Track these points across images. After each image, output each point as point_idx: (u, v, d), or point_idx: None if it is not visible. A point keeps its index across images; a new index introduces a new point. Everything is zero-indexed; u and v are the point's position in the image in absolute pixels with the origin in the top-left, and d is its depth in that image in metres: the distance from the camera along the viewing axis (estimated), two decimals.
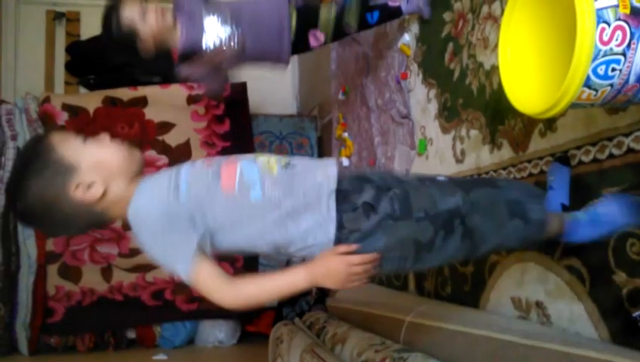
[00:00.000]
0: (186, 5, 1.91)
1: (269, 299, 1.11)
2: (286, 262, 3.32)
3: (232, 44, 1.89)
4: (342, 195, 1.10)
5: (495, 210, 1.16)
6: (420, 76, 2.20)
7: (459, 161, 1.88)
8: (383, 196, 1.10)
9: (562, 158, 1.35)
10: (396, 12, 2.11)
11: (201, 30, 1.86)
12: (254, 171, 1.09)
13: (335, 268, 1.07)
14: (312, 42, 2.04)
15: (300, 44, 2.03)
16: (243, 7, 1.96)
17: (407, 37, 2.33)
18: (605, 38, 0.88)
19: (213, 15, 1.88)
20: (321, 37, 2.03)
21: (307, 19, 2.00)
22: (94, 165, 1.08)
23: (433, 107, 2.07)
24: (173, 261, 1.06)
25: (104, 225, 1.16)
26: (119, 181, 1.10)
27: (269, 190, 1.08)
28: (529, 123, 1.48)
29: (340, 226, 1.08)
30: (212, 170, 1.10)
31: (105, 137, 1.13)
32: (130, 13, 1.83)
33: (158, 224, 1.05)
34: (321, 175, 1.11)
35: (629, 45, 0.89)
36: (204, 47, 1.86)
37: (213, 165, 1.11)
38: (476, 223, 1.12)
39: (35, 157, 1.08)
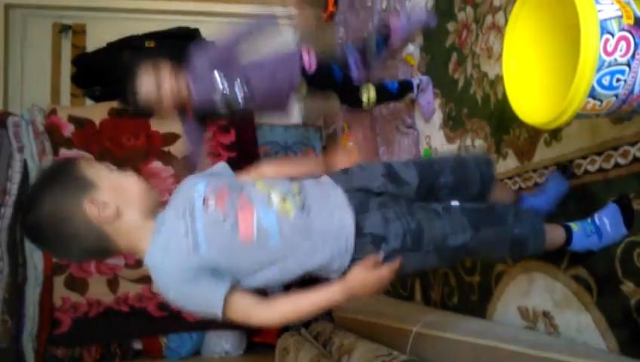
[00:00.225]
0: (198, 66, 1.95)
1: (307, 316, 1.13)
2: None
3: (239, 103, 1.96)
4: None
5: (498, 246, 1.22)
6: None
7: None
8: (393, 225, 1.14)
9: (565, 170, 1.37)
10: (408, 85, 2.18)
11: (211, 89, 1.92)
12: (272, 218, 1.10)
13: (370, 280, 1.12)
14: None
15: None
16: (254, 72, 1.99)
17: (411, 47, 2.33)
18: (609, 49, 0.89)
19: (223, 76, 1.95)
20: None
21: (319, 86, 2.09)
22: (113, 188, 1.10)
23: (438, 117, 2.08)
24: (205, 308, 1.08)
25: (108, 254, 1.15)
26: (134, 211, 1.11)
27: (288, 236, 1.10)
28: (534, 132, 1.48)
29: (352, 258, 1.14)
30: (229, 221, 1.09)
31: (131, 172, 1.15)
32: (146, 88, 1.87)
33: (181, 278, 1.06)
34: (338, 220, 1.14)
35: (633, 55, 0.90)
36: (217, 104, 1.94)
37: (229, 212, 1.09)
38: (478, 254, 1.24)
39: (56, 173, 1.10)
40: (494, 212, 1.21)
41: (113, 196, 1.08)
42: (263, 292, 1.14)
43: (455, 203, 1.23)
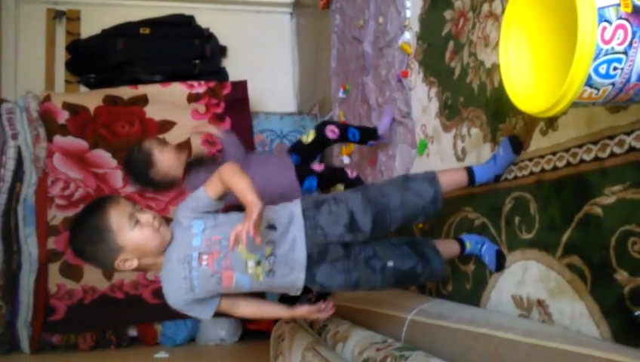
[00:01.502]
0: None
1: (263, 319, 1.55)
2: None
3: None
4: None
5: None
6: (421, 74, 2.19)
7: (460, 159, 1.88)
8: (338, 277, 1.58)
9: (515, 143, 1.54)
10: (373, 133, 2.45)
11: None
12: (245, 280, 1.51)
13: (311, 316, 1.73)
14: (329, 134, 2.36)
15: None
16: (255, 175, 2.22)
17: (407, 35, 2.32)
18: (607, 37, 0.88)
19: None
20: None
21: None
22: (136, 248, 1.45)
23: (434, 105, 2.07)
24: (198, 316, 1.58)
25: None
26: (150, 257, 1.48)
27: (256, 288, 1.56)
28: (530, 121, 1.48)
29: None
30: (216, 276, 1.49)
31: (147, 220, 1.45)
32: (166, 168, 2.21)
33: (180, 303, 1.51)
34: (294, 279, 1.56)
35: (630, 44, 0.89)
36: None
37: (216, 269, 1.48)
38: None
39: (95, 229, 1.43)
40: (415, 272, 1.64)
41: (135, 254, 1.45)
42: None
43: (390, 263, 1.60)
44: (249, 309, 1.66)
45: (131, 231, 1.43)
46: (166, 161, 2.18)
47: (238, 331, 3.56)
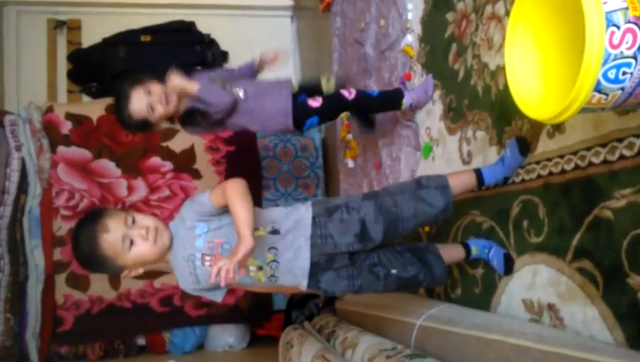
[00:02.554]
0: (196, 76, 2.11)
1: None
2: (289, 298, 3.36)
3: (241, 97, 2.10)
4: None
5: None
6: (424, 77, 2.18)
7: (466, 162, 1.86)
8: (341, 284, 1.61)
9: (522, 144, 1.52)
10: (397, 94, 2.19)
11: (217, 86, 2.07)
12: (247, 281, 1.56)
13: None
14: (311, 102, 2.14)
15: (300, 107, 2.15)
16: (249, 97, 2.12)
17: (409, 37, 2.31)
18: (615, 42, 0.87)
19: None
20: (319, 100, 2.13)
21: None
22: (136, 263, 1.48)
23: (438, 108, 2.06)
24: (212, 298, 1.61)
25: None
26: (155, 262, 1.52)
27: (258, 287, 1.63)
28: (536, 124, 1.46)
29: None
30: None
31: (142, 237, 1.45)
32: (139, 110, 1.99)
33: (192, 291, 1.58)
34: (295, 285, 1.59)
35: (639, 48, 0.88)
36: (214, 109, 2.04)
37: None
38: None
39: (92, 259, 1.48)
40: (417, 279, 1.68)
41: (137, 266, 1.49)
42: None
43: (394, 271, 1.63)
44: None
45: (128, 253, 1.45)
46: (160, 115, 2.04)
47: (247, 337, 3.56)
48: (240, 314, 3.40)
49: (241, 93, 2.09)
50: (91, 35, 4.21)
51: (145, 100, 1.98)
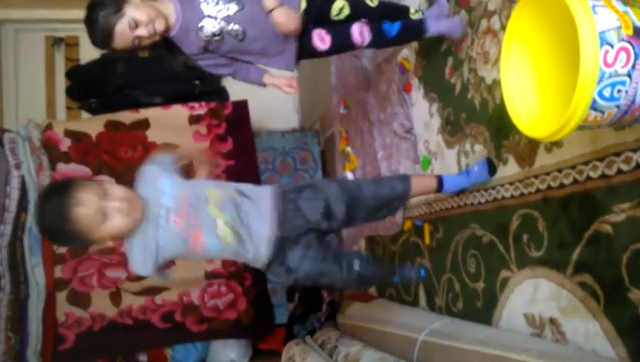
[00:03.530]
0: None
1: None
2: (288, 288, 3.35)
3: (233, 28, 1.74)
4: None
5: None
6: (421, 90, 2.19)
7: None
8: (304, 264, 1.58)
9: (492, 166, 1.66)
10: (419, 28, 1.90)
11: (198, 13, 1.72)
12: (214, 243, 1.48)
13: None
14: (317, 43, 1.84)
15: (303, 43, 1.83)
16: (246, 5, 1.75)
17: (406, 51, 2.32)
18: (609, 61, 0.87)
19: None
20: (327, 39, 1.83)
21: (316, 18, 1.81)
22: (110, 235, 1.41)
23: (436, 121, 2.06)
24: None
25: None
26: (126, 235, 1.44)
27: (224, 254, 1.56)
28: (534, 138, 1.46)
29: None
30: (182, 236, 1.46)
31: (115, 209, 1.37)
32: (123, 44, 1.70)
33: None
34: (257, 255, 1.55)
35: (633, 66, 0.88)
36: (201, 32, 1.73)
37: (184, 228, 1.45)
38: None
39: (63, 233, 1.38)
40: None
41: (110, 238, 1.43)
42: None
43: (357, 264, 1.68)
44: None
45: (101, 226, 1.37)
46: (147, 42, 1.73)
47: (249, 352, 3.53)
48: (242, 329, 3.38)
49: (234, 26, 1.75)
50: (89, 52, 4.20)
51: (130, 38, 1.69)
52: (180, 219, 1.44)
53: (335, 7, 1.80)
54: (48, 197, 1.38)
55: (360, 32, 1.82)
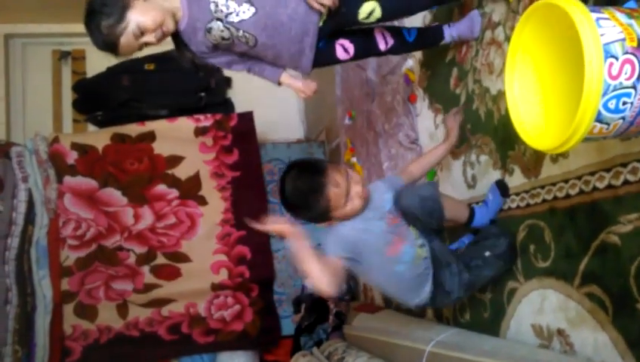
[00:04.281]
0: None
1: None
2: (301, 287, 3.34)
3: (244, 35, 1.64)
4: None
5: None
6: (426, 101, 2.19)
7: (470, 186, 1.87)
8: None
9: (502, 187, 1.65)
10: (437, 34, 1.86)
11: (206, 13, 1.63)
12: (411, 254, 1.59)
13: None
14: (341, 55, 1.78)
15: (324, 53, 1.76)
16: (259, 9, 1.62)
17: (410, 62, 2.33)
18: (614, 73, 0.88)
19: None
20: (351, 49, 1.76)
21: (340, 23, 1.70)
22: (344, 216, 1.57)
23: (441, 132, 2.07)
24: None
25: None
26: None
27: (412, 268, 1.61)
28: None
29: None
30: (388, 238, 1.57)
31: (356, 197, 1.55)
32: (130, 52, 1.69)
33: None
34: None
35: (638, 78, 0.89)
36: (209, 34, 1.65)
37: (392, 230, 1.58)
38: None
39: (313, 202, 1.52)
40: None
41: (343, 217, 1.56)
42: None
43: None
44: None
45: (344, 207, 1.53)
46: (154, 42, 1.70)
47: None
48: (248, 340, 3.37)
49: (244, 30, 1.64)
50: (96, 65, 4.24)
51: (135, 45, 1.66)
52: (391, 224, 1.59)
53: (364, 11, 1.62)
54: (302, 174, 1.53)
55: (383, 36, 1.79)
